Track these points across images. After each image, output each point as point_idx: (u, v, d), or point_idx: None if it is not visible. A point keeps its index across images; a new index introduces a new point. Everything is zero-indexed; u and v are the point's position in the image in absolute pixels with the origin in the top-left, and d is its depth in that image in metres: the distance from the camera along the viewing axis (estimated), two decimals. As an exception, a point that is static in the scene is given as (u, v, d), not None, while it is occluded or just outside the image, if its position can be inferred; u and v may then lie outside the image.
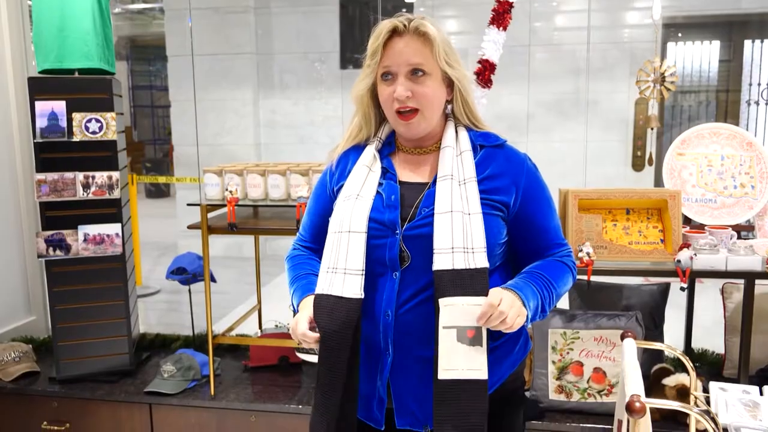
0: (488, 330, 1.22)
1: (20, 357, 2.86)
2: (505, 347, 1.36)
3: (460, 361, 1.21)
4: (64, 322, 2.72)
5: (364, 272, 1.29)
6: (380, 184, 1.35)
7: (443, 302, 1.22)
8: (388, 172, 1.37)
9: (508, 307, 1.20)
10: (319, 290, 1.32)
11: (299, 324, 1.33)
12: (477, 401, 1.21)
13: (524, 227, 1.35)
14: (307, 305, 1.34)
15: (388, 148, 1.41)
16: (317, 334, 1.30)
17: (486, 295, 1.22)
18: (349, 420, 1.30)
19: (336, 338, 1.27)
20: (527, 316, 1.25)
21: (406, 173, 1.38)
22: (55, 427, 2.68)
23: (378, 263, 1.32)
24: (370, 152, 1.38)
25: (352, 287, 1.28)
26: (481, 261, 1.24)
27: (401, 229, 1.30)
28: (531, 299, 1.26)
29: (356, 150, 1.42)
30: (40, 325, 3.38)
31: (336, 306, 1.28)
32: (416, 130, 1.32)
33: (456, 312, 1.22)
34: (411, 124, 1.31)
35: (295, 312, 1.40)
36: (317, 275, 1.36)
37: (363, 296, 1.28)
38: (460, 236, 1.24)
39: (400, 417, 1.33)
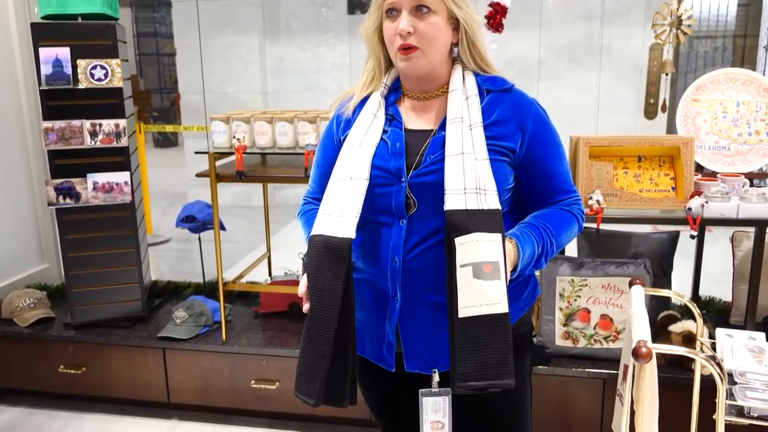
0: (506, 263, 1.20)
1: (35, 303, 2.91)
2: (513, 292, 1.36)
3: (479, 296, 1.17)
4: (77, 270, 2.76)
5: (358, 216, 1.27)
6: (385, 132, 1.33)
7: (459, 241, 1.19)
8: (394, 120, 1.35)
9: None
10: (313, 231, 1.30)
11: (300, 286, 1.33)
12: (499, 335, 1.18)
13: (531, 172, 1.34)
14: None
15: (394, 94, 1.39)
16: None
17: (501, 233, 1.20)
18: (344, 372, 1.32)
19: (326, 292, 1.25)
20: (516, 267, 1.25)
21: (412, 120, 1.36)
22: (72, 371, 2.76)
23: (384, 211, 1.31)
24: (376, 99, 1.36)
25: (345, 228, 1.25)
26: (493, 203, 1.23)
27: (407, 177, 1.29)
28: (528, 248, 1.26)
29: (362, 99, 1.40)
30: (53, 272, 3.43)
31: (327, 246, 1.26)
32: (416, 68, 1.29)
33: (471, 248, 1.18)
34: (411, 58, 1.27)
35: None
36: None
37: (354, 237, 1.26)
38: (472, 178, 1.22)
39: (409, 360, 1.35)
